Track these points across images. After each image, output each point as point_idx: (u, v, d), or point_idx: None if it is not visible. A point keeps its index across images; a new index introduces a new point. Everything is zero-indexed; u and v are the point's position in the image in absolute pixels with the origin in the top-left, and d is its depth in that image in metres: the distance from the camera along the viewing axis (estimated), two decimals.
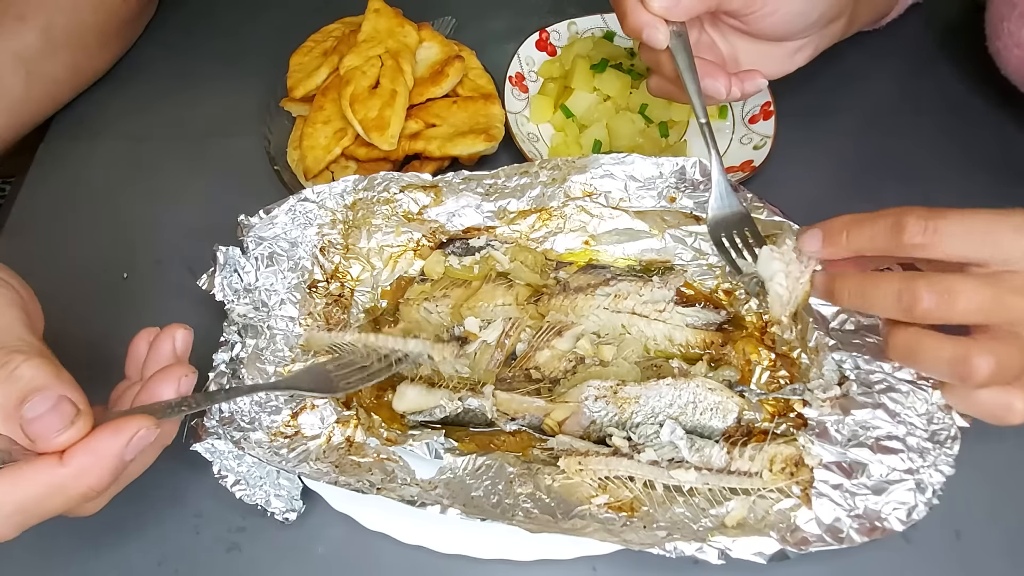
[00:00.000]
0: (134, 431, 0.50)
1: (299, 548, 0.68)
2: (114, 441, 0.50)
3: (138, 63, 1.03)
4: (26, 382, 0.49)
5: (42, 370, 0.50)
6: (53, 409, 0.49)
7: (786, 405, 0.71)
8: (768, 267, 0.63)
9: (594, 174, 0.77)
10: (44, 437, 0.49)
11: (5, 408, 0.49)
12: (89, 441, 0.50)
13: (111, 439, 0.50)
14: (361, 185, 0.77)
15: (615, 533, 0.61)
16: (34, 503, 0.49)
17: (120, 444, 0.50)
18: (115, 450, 0.50)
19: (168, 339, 0.59)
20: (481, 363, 0.74)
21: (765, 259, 0.63)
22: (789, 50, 0.79)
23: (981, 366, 0.55)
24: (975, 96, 0.98)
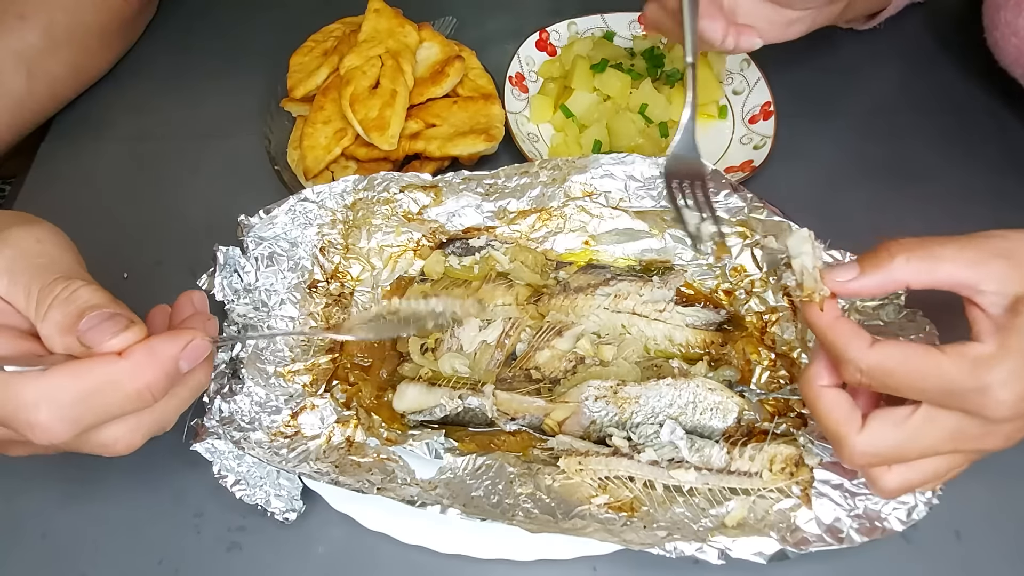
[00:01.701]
0: (189, 338, 0.53)
1: (299, 548, 0.68)
2: (171, 343, 0.53)
3: (139, 63, 1.03)
4: (84, 300, 0.52)
5: (99, 293, 0.53)
6: (109, 319, 0.51)
7: (786, 405, 0.71)
8: (800, 246, 0.59)
9: (594, 174, 0.77)
10: (98, 341, 0.51)
11: (64, 324, 0.51)
12: (147, 341, 0.52)
13: (168, 341, 0.53)
14: (361, 185, 0.77)
15: (615, 533, 0.61)
16: (92, 395, 0.50)
17: (177, 347, 0.53)
18: (172, 351, 0.53)
19: (187, 302, 0.61)
20: (481, 363, 0.74)
21: (799, 240, 0.59)
22: (788, 19, 0.79)
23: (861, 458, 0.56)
24: (975, 95, 0.98)
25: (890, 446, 0.55)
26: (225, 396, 0.68)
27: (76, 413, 0.51)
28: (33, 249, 0.55)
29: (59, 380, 0.50)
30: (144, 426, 0.56)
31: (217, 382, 0.68)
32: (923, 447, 0.55)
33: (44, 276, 0.53)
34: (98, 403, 0.51)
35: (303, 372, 0.73)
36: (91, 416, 0.51)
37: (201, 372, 0.58)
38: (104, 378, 0.51)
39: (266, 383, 0.70)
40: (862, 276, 0.56)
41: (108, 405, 0.52)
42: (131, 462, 0.72)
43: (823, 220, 0.76)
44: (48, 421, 0.50)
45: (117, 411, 0.52)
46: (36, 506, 0.70)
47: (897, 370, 0.53)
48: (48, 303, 0.52)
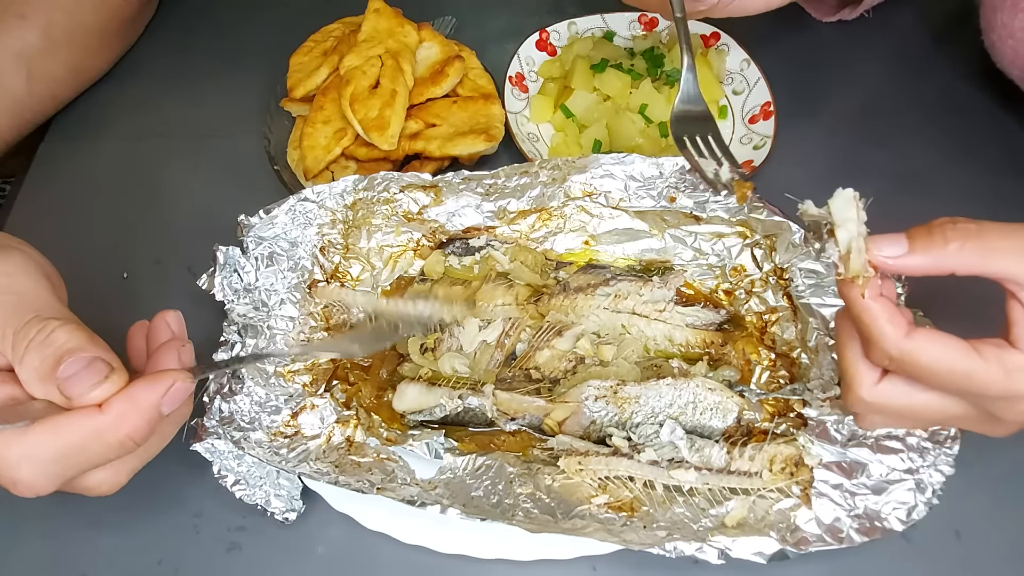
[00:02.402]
0: (170, 383, 0.53)
1: (299, 548, 0.68)
2: (151, 391, 0.52)
3: (138, 63, 1.03)
4: (61, 344, 0.51)
5: (76, 334, 0.52)
6: (88, 367, 0.50)
7: (786, 405, 0.71)
8: (845, 211, 0.52)
9: (594, 174, 0.77)
10: (79, 393, 0.50)
11: (41, 371, 0.51)
12: (127, 390, 0.52)
13: (149, 389, 0.52)
14: (361, 185, 0.77)
15: (615, 533, 0.61)
16: (73, 450, 0.50)
17: (157, 394, 0.52)
18: (153, 399, 0.52)
19: (162, 324, 0.60)
20: (481, 363, 0.74)
21: (844, 202, 0.53)
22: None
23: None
24: (976, 95, 0.98)
25: (896, 408, 0.55)
26: (225, 396, 0.68)
27: (58, 469, 0.51)
28: (3, 284, 0.54)
29: (40, 437, 0.50)
30: (127, 467, 0.56)
31: (217, 382, 0.68)
32: (927, 419, 0.56)
33: (18, 316, 0.52)
34: (80, 457, 0.51)
35: (303, 372, 0.73)
36: (73, 470, 0.52)
37: (185, 407, 0.58)
38: (86, 433, 0.50)
39: (266, 383, 0.70)
40: (911, 255, 0.52)
41: (90, 458, 0.52)
42: None
43: None
44: (31, 478, 0.51)
45: (100, 461, 0.53)
46: (36, 506, 0.70)
47: (928, 366, 0.51)
48: (24, 347, 0.51)
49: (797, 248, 0.73)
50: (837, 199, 0.53)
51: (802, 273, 0.74)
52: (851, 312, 0.54)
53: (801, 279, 0.73)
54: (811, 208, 0.55)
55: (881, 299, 0.52)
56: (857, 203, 0.52)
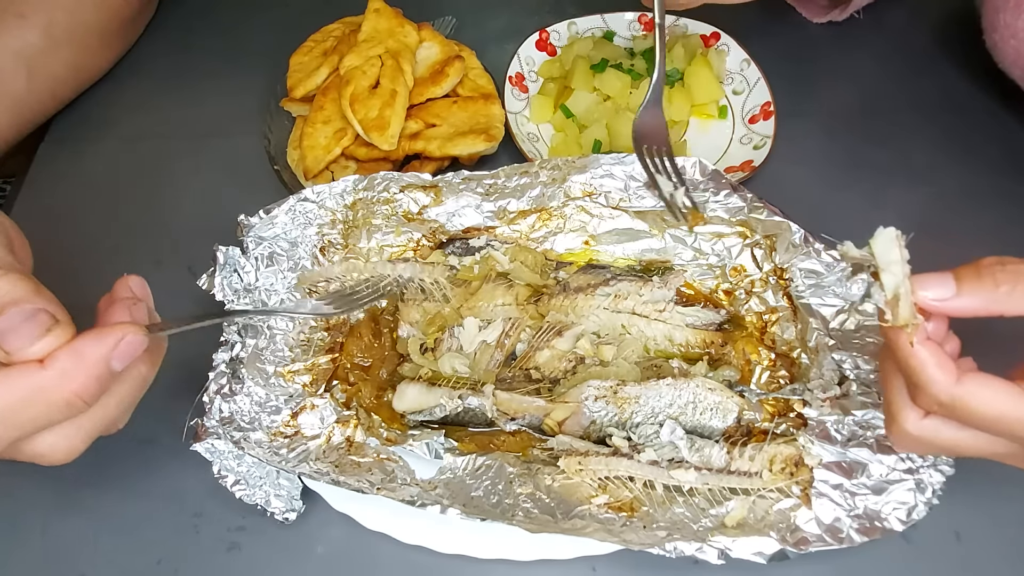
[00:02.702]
0: (119, 335, 0.49)
1: (299, 548, 0.68)
2: (99, 344, 0.48)
3: (138, 63, 1.03)
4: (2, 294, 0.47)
5: (19, 284, 0.48)
6: (29, 319, 0.47)
7: (786, 405, 0.71)
8: (888, 252, 0.50)
9: (594, 174, 0.77)
10: (18, 347, 0.47)
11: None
12: (72, 344, 0.47)
13: (95, 342, 0.48)
14: (361, 185, 0.77)
15: (615, 533, 0.61)
16: (14, 410, 0.47)
17: (106, 347, 0.48)
18: (101, 352, 0.48)
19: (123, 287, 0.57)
20: (481, 363, 0.74)
21: (887, 242, 0.50)
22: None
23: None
24: (976, 95, 0.98)
25: (939, 443, 0.53)
26: (225, 396, 0.68)
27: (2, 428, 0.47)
28: None
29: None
30: (83, 431, 0.52)
31: (217, 382, 0.68)
32: (969, 454, 0.54)
33: None
34: (23, 417, 0.47)
35: (303, 372, 0.73)
36: (16, 431, 0.48)
37: (142, 364, 0.54)
38: (27, 390, 0.47)
39: (266, 383, 0.70)
40: (959, 297, 0.50)
41: (35, 418, 0.48)
42: (130, 462, 0.72)
43: (823, 220, 0.76)
44: None
45: (46, 422, 0.49)
46: (35, 506, 0.70)
47: (978, 411, 0.50)
48: None
49: (797, 248, 0.73)
50: (879, 240, 0.50)
51: (802, 273, 0.73)
52: (896, 356, 0.52)
53: (801, 279, 0.73)
54: (852, 250, 0.52)
55: (929, 343, 0.50)
56: (900, 243, 0.50)
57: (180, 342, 0.81)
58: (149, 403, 0.72)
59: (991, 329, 0.53)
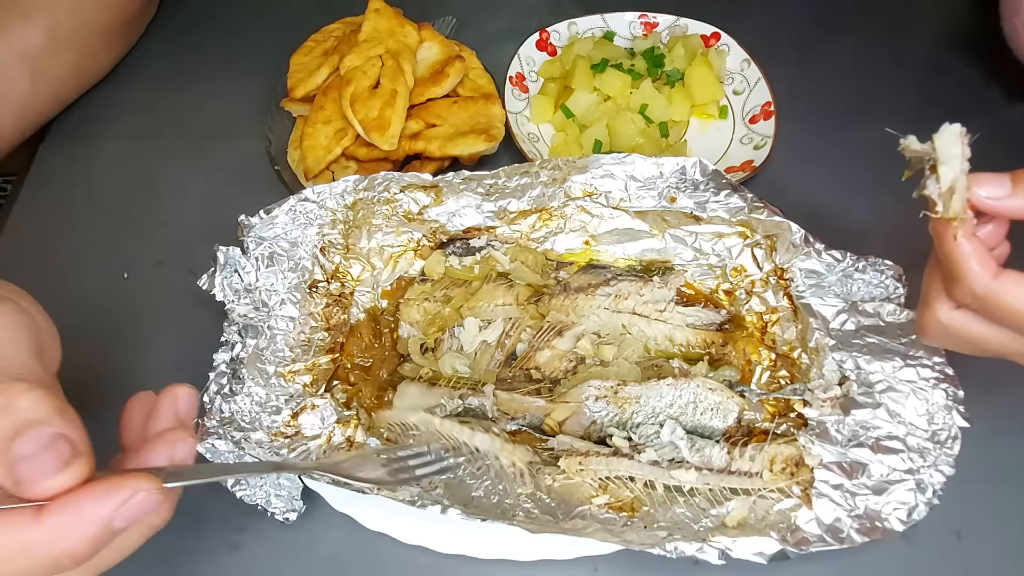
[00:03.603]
0: (130, 493, 0.43)
1: (299, 548, 0.68)
2: (103, 503, 0.43)
3: (139, 63, 1.03)
4: (22, 413, 0.43)
5: (42, 403, 0.43)
6: (47, 448, 0.42)
7: (786, 405, 0.71)
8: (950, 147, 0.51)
9: (594, 174, 0.77)
10: (31, 481, 0.42)
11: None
12: (75, 497, 0.43)
13: (100, 500, 0.43)
14: (361, 185, 0.77)
15: (616, 533, 0.61)
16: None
17: (109, 508, 0.43)
18: (102, 514, 0.43)
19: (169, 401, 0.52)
20: (481, 363, 0.74)
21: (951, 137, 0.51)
22: None
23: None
24: (978, 95, 0.98)
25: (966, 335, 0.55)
26: (225, 396, 0.68)
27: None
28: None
29: None
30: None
31: (217, 382, 0.68)
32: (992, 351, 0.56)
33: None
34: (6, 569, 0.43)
35: (303, 372, 0.73)
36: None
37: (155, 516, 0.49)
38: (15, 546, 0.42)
39: (266, 383, 0.70)
40: (1012, 198, 0.51)
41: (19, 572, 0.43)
42: None
43: (823, 220, 0.77)
44: None
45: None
46: None
47: (1010, 307, 0.51)
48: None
49: (797, 248, 0.74)
50: (943, 135, 0.51)
51: (802, 273, 0.74)
52: (940, 249, 0.53)
53: (801, 279, 0.73)
54: (914, 143, 0.53)
55: (973, 239, 0.52)
56: (963, 140, 0.50)
57: (180, 342, 0.81)
58: None
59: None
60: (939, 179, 0.51)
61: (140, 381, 0.58)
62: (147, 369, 0.77)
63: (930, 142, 0.51)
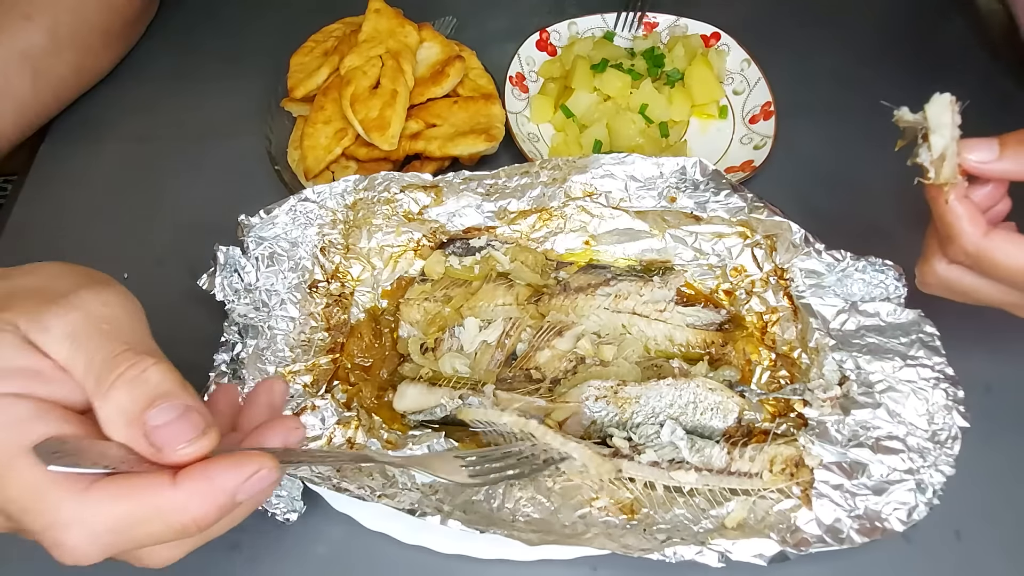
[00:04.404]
0: (255, 468, 0.45)
1: (299, 548, 0.68)
2: (234, 473, 0.45)
3: (139, 63, 1.03)
4: (155, 385, 0.45)
5: (169, 377, 0.46)
6: (181, 417, 0.44)
7: (786, 405, 0.71)
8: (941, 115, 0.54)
9: (594, 174, 0.77)
10: (169, 446, 0.44)
11: (130, 412, 0.44)
12: (207, 467, 0.44)
13: (231, 470, 0.45)
14: (361, 185, 0.77)
15: (615, 538, 0.61)
16: (132, 523, 0.44)
17: (239, 478, 0.45)
18: (232, 484, 0.45)
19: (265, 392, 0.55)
20: (481, 363, 0.74)
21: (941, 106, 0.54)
22: None
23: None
24: (979, 95, 0.98)
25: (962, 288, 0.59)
26: None
27: (110, 540, 0.44)
28: (98, 312, 0.47)
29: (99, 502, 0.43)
30: (186, 547, 0.49)
31: (217, 382, 0.68)
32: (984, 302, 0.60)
33: (109, 345, 0.46)
34: (137, 532, 0.44)
35: (304, 372, 0.73)
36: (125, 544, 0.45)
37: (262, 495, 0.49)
38: (151, 508, 0.43)
39: None
40: (1001, 160, 0.54)
41: (148, 535, 0.45)
42: None
43: (823, 220, 0.77)
44: (77, 545, 0.43)
45: (158, 540, 0.46)
46: None
47: (1000, 263, 0.55)
48: (111, 380, 0.44)
49: (797, 248, 0.74)
50: (934, 104, 0.54)
51: (802, 273, 0.74)
52: (934, 212, 0.57)
53: (801, 279, 0.73)
54: (907, 114, 0.56)
55: (965, 201, 0.55)
56: (953, 108, 0.53)
57: (180, 342, 0.81)
58: None
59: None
60: (931, 147, 0.54)
61: None
62: None
63: (922, 112, 0.54)
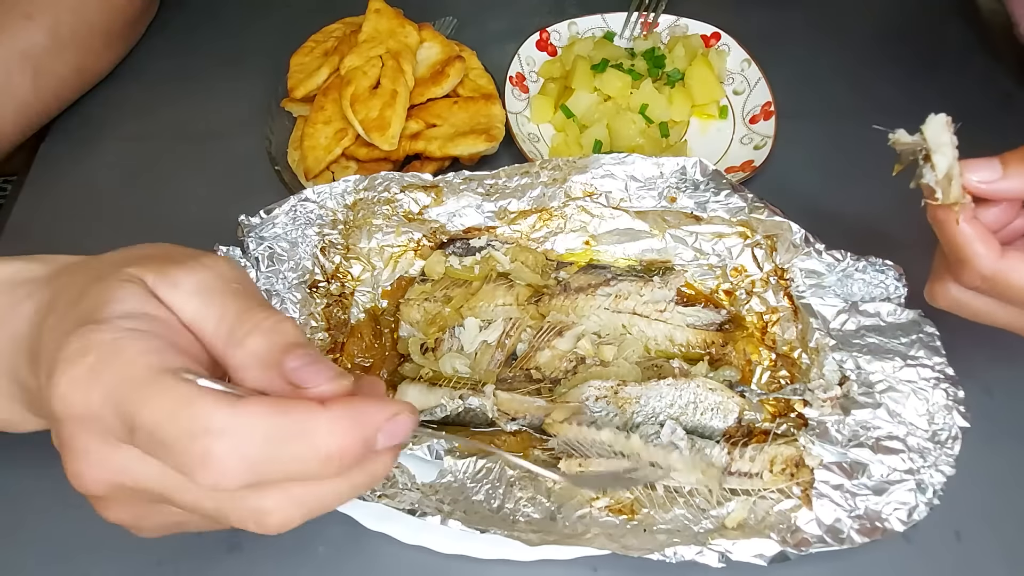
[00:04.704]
0: (398, 411, 0.44)
1: (300, 548, 0.68)
2: (380, 409, 0.44)
3: (139, 63, 1.03)
4: (290, 335, 0.45)
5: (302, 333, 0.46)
6: (316, 361, 0.44)
7: (787, 405, 0.71)
8: (939, 135, 0.52)
9: (595, 174, 0.77)
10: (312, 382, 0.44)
11: (266, 357, 0.44)
12: (353, 400, 0.44)
13: (376, 405, 0.44)
14: (362, 185, 0.77)
15: (615, 539, 0.61)
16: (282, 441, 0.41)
17: (383, 416, 0.44)
18: (377, 420, 0.44)
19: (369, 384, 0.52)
20: (481, 363, 0.74)
21: (938, 126, 0.53)
22: None
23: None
24: (979, 96, 0.98)
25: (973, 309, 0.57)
26: None
27: (260, 455, 0.41)
28: (229, 273, 0.48)
29: (253, 414, 0.41)
30: (307, 504, 0.45)
31: None
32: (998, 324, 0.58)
33: (243, 301, 0.47)
34: (285, 453, 0.42)
35: None
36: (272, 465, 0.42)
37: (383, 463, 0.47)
38: (301, 425, 0.42)
39: None
40: (1005, 179, 0.52)
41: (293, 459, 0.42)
42: None
43: (823, 220, 0.77)
44: (227, 455, 0.41)
45: (298, 470, 0.43)
46: (37, 506, 0.70)
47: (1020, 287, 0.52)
48: (247, 329, 0.45)
49: (798, 248, 0.74)
50: (931, 124, 0.52)
51: (803, 273, 0.74)
52: (942, 236, 0.54)
53: (802, 279, 0.73)
54: (904, 136, 0.54)
55: (974, 222, 0.53)
56: (949, 128, 0.52)
57: None
58: None
59: None
60: (934, 167, 0.52)
61: None
62: None
63: (919, 133, 0.53)
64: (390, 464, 0.48)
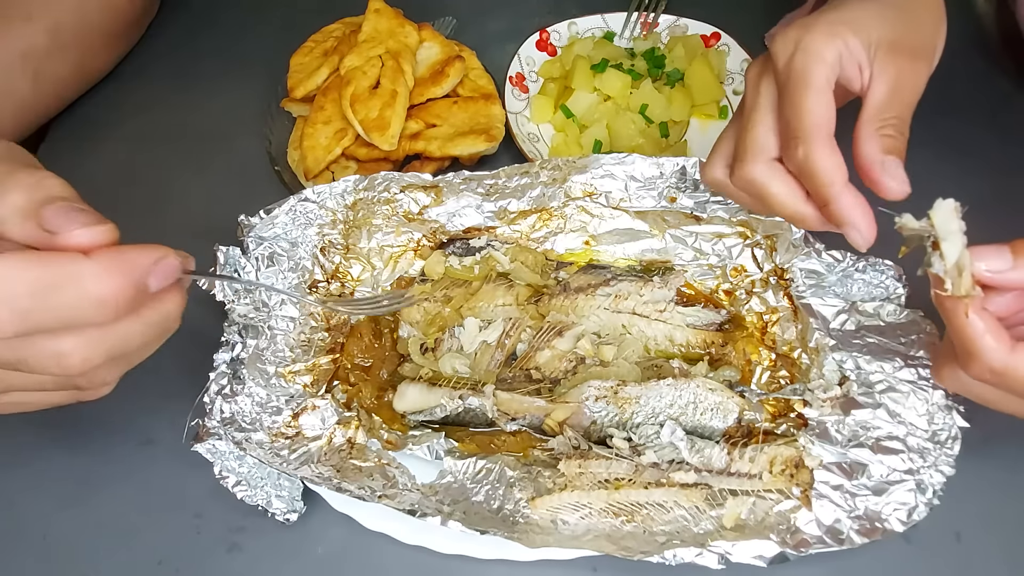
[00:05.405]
0: (161, 254, 0.48)
1: (300, 548, 0.68)
2: (143, 253, 0.48)
3: (139, 64, 1.03)
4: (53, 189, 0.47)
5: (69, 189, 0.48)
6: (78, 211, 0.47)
7: (786, 405, 0.71)
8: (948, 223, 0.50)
9: (594, 174, 0.77)
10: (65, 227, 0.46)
11: (25, 208, 0.46)
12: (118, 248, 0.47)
13: (139, 251, 0.48)
14: (361, 185, 0.77)
15: (615, 540, 0.61)
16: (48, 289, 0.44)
17: (149, 258, 0.48)
18: (143, 262, 0.47)
19: None
20: (481, 363, 0.74)
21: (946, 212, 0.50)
22: None
23: None
24: (977, 98, 0.98)
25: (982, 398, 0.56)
26: (226, 397, 0.68)
27: (27, 304, 0.44)
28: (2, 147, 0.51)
29: (13, 266, 0.44)
30: (105, 344, 0.49)
31: (217, 383, 0.68)
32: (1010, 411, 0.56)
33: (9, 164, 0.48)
34: (54, 300, 0.45)
35: (304, 372, 0.73)
36: (44, 313, 0.45)
37: (171, 302, 0.51)
38: (65, 273, 0.45)
39: (267, 383, 0.70)
40: (1016, 268, 0.50)
41: (65, 305, 0.45)
42: (131, 463, 0.72)
43: None
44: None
45: (74, 315, 0.46)
46: (37, 507, 0.71)
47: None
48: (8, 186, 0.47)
49: (797, 248, 0.73)
50: (939, 210, 0.50)
51: (802, 273, 0.74)
52: (950, 326, 0.52)
53: (801, 279, 0.73)
54: (910, 221, 0.52)
55: (984, 313, 0.51)
56: (958, 214, 0.50)
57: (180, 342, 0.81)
58: (149, 404, 0.73)
59: None
60: (943, 256, 0.50)
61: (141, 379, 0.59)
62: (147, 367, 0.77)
63: (927, 219, 0.51)
64: (180, 301, 0.52)
